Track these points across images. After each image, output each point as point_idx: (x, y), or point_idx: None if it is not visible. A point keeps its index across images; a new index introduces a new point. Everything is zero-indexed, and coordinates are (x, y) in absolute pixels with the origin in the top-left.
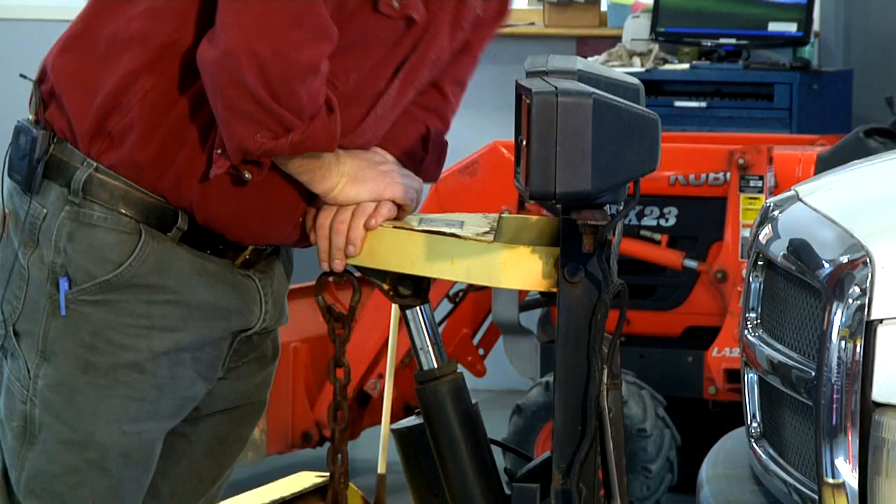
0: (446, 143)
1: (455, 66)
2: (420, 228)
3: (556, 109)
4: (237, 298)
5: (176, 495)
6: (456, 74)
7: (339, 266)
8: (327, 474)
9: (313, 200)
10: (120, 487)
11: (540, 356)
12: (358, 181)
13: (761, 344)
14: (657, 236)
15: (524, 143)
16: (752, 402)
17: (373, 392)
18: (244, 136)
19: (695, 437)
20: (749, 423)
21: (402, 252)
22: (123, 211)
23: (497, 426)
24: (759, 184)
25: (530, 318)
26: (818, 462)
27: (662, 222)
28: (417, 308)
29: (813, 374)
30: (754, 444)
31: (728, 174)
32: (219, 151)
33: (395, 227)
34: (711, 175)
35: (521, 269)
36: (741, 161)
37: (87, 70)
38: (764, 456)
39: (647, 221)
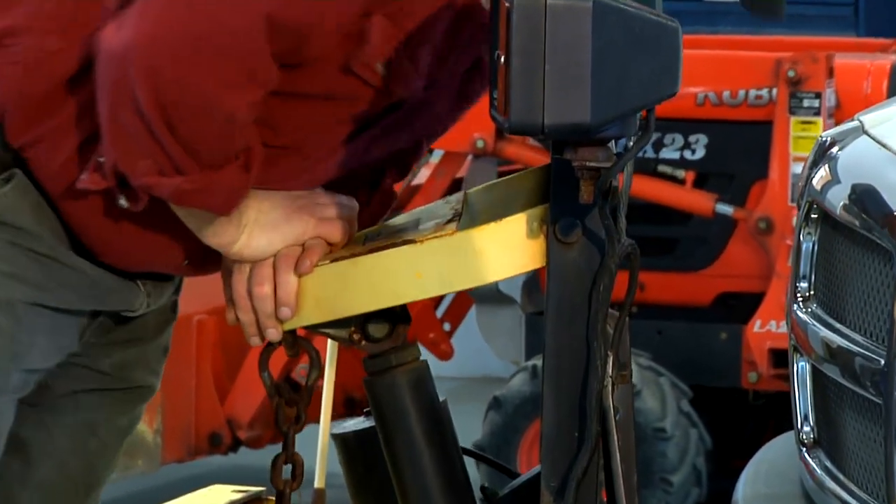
0: (394, 193)
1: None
2: (366, 249)
3: (545, 16)
4: (115, 279)
5: None
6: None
7: (274, 335)
8: (247, 488)
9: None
10: None
11: (525, 332)
12: (266, 228)
13: (815, 323)
14: (681, 173)
15: (502, 59)
16: (803, 398)
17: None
18: (124, 156)
19: (730, 440)
20: (799, 426)
21: (354, 288)
22: None
23: (468, 424)
24: (816, 103)
25: (512, 282)
26: (888, 477)
27: (688, 154)
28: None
29: (882, 362)
30: (806, 454)
31: (774, 91)
32: (100, 159)
33: (334, 261)
34: (752, 92)
35: (504, 251)
36: (792, 73)
37: None
38: (818, 469)
39: (667, 154)
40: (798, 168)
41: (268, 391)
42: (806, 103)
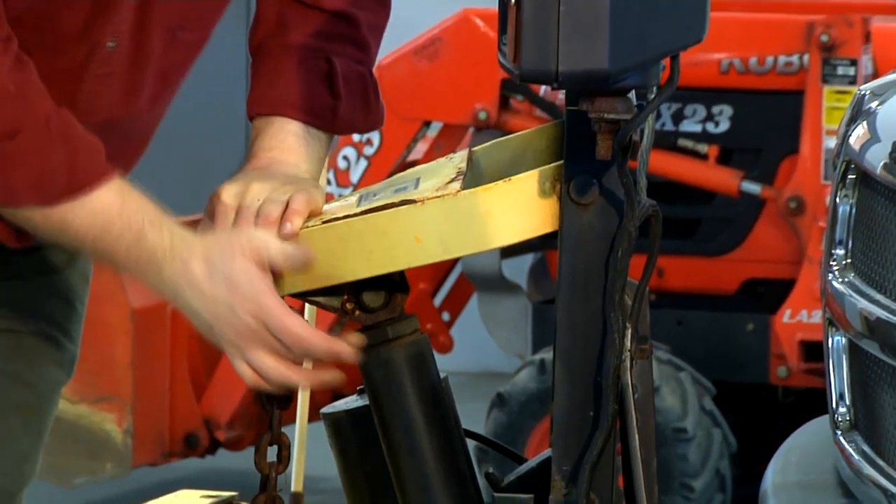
0: (367, 75)
1: None
2: (361, 210)
3: None
4: None
5: None
6: None
7: None
8: (217, 493)
9: None
10: None
11: (532, 323)
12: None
13: (853, 294)
14: (703, 147)
15: (513, 0)
16: (838, 378)
17: None
18: None
19: (756, 441)
20: (834, 407)
21: (347, 252)
22: None
23: (469, 424)
24: (851, 71)
25: (517, 268)
26: None
27: (711, 127)
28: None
29: None
30: (841, 439)
31: (806, 57)
32: None
33: (325, 223)
34: (782, 58)
35: (513, 213)
36: (825, 38)
37: None
38: (855, 455)
39: (688, 126)
40: (832, 142)
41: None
42: (840, 71)
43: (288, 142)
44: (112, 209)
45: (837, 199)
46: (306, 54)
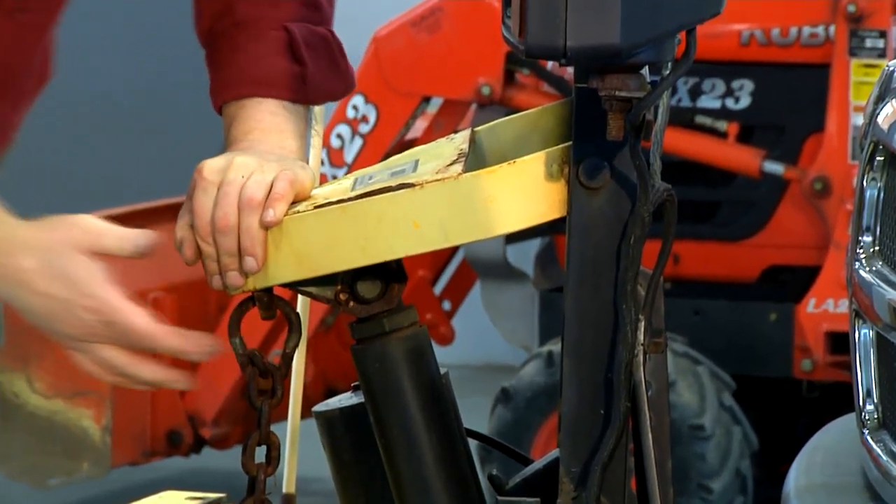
0: (328, 35)
1: None
2: (355, 194)
3: None
4: None
5: None
6: None
7: (236, 280)
8: (204, 495)
9: None
10: None
11: (539, 312)
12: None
13: (880, 283)
14: (722, 125)
15: None
16: (865, 373)
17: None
18: None
19: (779, 439)
20: (861, 404)
21: (341, 239)
22: None
23: (472, 420)
24: (880, 44)
25: (523, 254)
26: None
27: (730, 103)
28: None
29: None
30: (869, 438)
31: (832, 28)
32: None
33: (317, 208)
34: (806, 29)
35: (518, 198)
36: (852, 8)
37: None
38: (883, 455)
39: (706, 102)
40: (859, 119)
41: (239, 360)
42: (868, 43)
43: (266, 121)
44: None
45: (864, 183)
46: (261, 27)
